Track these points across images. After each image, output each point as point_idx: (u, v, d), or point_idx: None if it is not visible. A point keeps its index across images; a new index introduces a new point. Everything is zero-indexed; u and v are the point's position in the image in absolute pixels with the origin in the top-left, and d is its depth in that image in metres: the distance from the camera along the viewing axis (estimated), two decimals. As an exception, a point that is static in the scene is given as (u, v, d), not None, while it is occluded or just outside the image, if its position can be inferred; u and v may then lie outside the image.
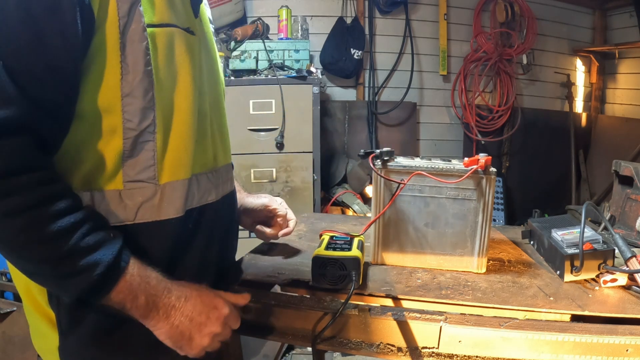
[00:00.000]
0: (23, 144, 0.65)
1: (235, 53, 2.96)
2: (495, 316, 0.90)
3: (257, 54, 2.98)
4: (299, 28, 3.27)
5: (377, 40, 3.64)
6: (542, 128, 3.90)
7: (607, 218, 1.38)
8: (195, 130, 0.85)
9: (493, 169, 1.04)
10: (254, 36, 3.01)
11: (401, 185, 1.06)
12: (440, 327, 0.85)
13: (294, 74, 2.85)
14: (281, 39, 3.14)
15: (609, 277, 0.98)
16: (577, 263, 0.99)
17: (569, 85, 3.92)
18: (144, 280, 0.73)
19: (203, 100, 0.88)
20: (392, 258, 1.12)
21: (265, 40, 2.99)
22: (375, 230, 1.10)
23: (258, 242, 1.23)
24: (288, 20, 3.15)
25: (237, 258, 1.13)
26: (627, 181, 1.41)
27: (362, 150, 1.08)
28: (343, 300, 0.90)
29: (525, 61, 3.71)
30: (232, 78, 2.88)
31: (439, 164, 1.07)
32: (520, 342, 0.83)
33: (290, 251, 1.20)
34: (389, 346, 0.88)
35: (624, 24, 3.66)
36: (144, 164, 0.77)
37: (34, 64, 0.66)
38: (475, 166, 1.02)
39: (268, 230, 1.15)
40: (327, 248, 0.99)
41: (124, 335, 0.79)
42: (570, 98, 3.91)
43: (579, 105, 4.07)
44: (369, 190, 3.24)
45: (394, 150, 1.10)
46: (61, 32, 0.66)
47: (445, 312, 0.89)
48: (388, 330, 0.88)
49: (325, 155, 3.28)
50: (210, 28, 0.99)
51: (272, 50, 2.99)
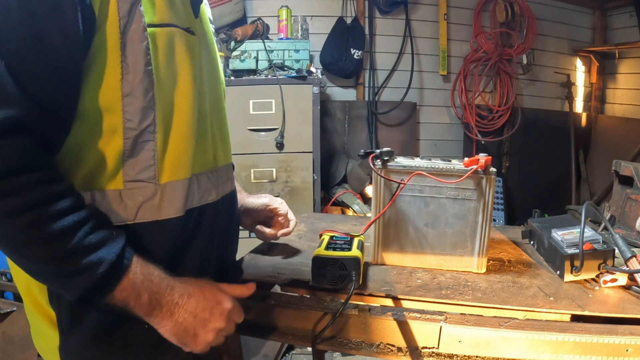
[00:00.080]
0: (24, 144, 0.65)
1: (235, 53, 2.96)
2: (495, 316, 0.90)
3: (257, 54, 2.98)
4: (299, 28, 3.27)
5: (377, 40, 3.64)
6: (542, 128, 3.90)
7: (607, 218, 1.38)
8: (196, 130, 0.85)
9: (493, 169, 1.04)
10: (254, 36, 3.01)
11: (401, 185, 1.06)
12: (440, 327, 0.85)
13: (294, 74, 2.85)
14: (281, 39, 3.14)
15: (609, 277, 0.98)
16: (577, 263, 0.99)
17: (569, 85, 3.92)
18: (147, 278, 0.73)
19: (203, 100, 0.88)
20: (392, 258, 1.12)
21: (265, 40, 3.00)
22: (375, 230, 1.10)
23: (258, 242, 1.24)
24: (288, 20, 3.15)
25: (237, 258, 1.13)
26: (627, 181, 1.41)
27: (362, 150, 1.08)
28: (343, 300, 0.90)
29: (525, 61, 3.71)
30: (232, 78, 2.88)
31: (439, 164, 1.07)
32: (520, 342, 0.83)
33: (290, 251, 1.20)
34: (389, 346, 0.88)
35: (624, 24, 3.66)
36: (144, 163, 0.77)
37: (34, 63, 0.65)
38: (475, 166, 1.02)
39: (268, 230, 1.16)
40: (327, 248, 0.99)
41: (124, 335, 0.79)
42: (570, 98, 3.91)
43: (579, 105, 4.07)
44: (369, 190, 3.24)
45: (394, 150, 1.10)
46: (62, 32, 0.66)
47: (445, 312, 0.89)
48: (388, 330, 0.88)
49: (325, 155, 3.28)
50: (211, 28, 0.99)
51: (272, 50, 3.00)
